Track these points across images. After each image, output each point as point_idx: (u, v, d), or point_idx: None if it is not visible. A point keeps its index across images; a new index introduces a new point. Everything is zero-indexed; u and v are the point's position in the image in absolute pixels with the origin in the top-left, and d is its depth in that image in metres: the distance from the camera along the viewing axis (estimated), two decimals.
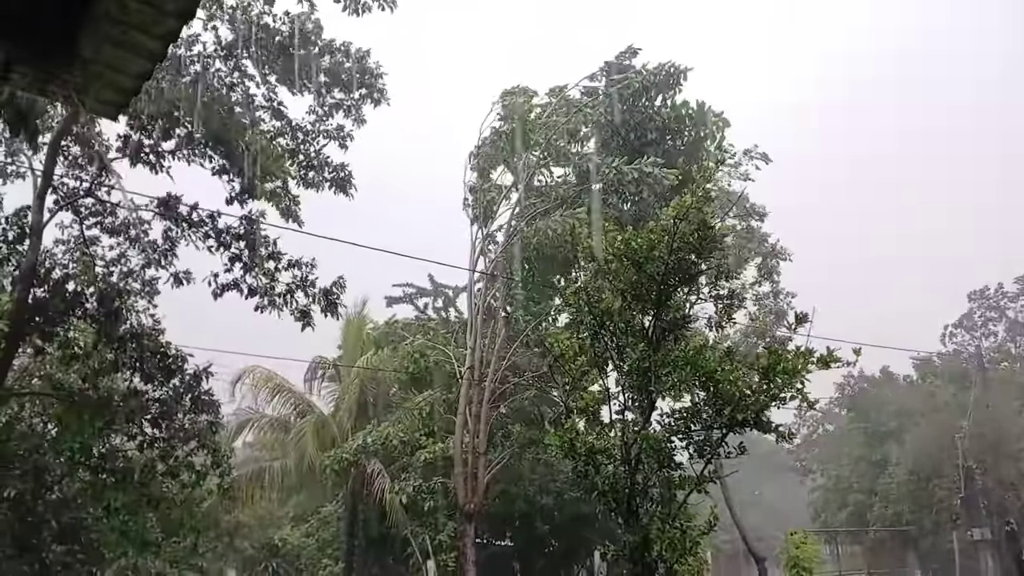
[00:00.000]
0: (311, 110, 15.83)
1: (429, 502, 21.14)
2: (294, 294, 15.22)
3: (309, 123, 15.81)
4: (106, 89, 4.04)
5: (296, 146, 15.85)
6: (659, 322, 10.87)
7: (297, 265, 15.32)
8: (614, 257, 10.96)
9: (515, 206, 21.41)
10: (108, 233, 15.58)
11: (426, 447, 21.06)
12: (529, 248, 20.07)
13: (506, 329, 21.34)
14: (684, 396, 11.05)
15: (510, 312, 21.22)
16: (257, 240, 14.99)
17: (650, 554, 10.59)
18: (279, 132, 15.71)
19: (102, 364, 15.11)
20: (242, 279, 15.15)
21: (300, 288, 15.21)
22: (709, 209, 10.94)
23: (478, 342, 20.54)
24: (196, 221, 15.01)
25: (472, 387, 20.17)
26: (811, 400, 11.19)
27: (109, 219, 15.48)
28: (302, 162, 15.94)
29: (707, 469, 11.36)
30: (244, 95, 15.31)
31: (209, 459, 16.63)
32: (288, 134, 15.76)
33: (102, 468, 15.57)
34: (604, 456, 10.78)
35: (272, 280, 15.19)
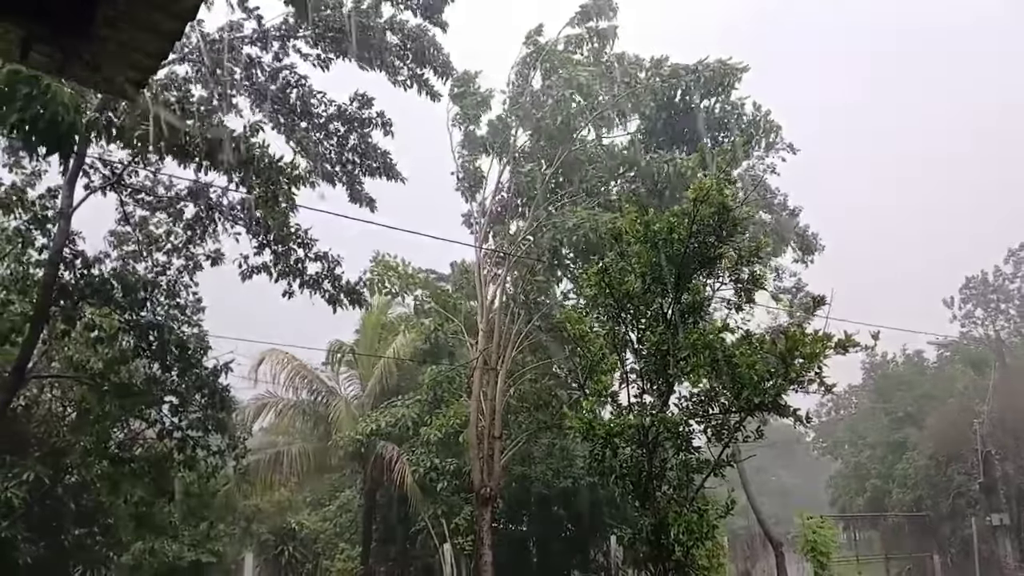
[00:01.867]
0: (353, 97, 15.86)
1: (442, 482, 21.25)
2: (321, 284, 15.37)
3: (354, 109, 15.84)
4: (124, 68, 4.01)
5: (345, 133, 15.87)
6: (678, 305, 10.81)
7: (325, 258, 15.46)
8: (635, 239, 10.91)
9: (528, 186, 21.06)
10: (153, 211, 15.71)
11: (430, 424, 21.09)
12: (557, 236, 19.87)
13: (522, 314, 21.30)
14: (702, 380, 11.00)
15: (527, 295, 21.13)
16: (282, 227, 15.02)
17: (667, 538, 10.59)
18: (328, 119, 15.71)
19: (124, 350, 15.25)
20: (273, 263, 15.27)
21: (327, 279, 15.36)
22: (729, 192, 10.85)
23: (494, 325, 20.48)
24: (226, 206, 15.11)
25: (487, 371, 20.17)
26: (829, 384, 11.12)
27: (141, 203, 15.58)
28: (356, 148, 16.03)
29: (724, 453, 11.33)
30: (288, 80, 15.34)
31: (225, 442, 16.75)
32: (335, 119, 15.77)
33: (119, 458, 15.73)
34: (622, 439, 10.77)
35: (302, 267, 15.30)
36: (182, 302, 16.39)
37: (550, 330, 21.23)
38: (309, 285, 15.34)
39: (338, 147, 15.95)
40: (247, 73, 15.07)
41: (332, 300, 15.45)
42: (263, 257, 15.34)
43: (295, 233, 15.27)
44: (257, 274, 15.26)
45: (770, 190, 27.50)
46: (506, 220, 21.96)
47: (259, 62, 15.23)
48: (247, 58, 15.09)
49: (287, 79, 15.43)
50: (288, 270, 15.31)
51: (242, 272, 15.20)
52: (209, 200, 15.21)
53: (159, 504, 17.10)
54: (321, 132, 15.75)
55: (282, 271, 15.30)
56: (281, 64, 15.35)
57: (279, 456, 25.29)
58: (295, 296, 15.44)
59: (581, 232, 18.88)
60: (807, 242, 28.76)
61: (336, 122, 15.78)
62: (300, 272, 15.30)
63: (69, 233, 14.13)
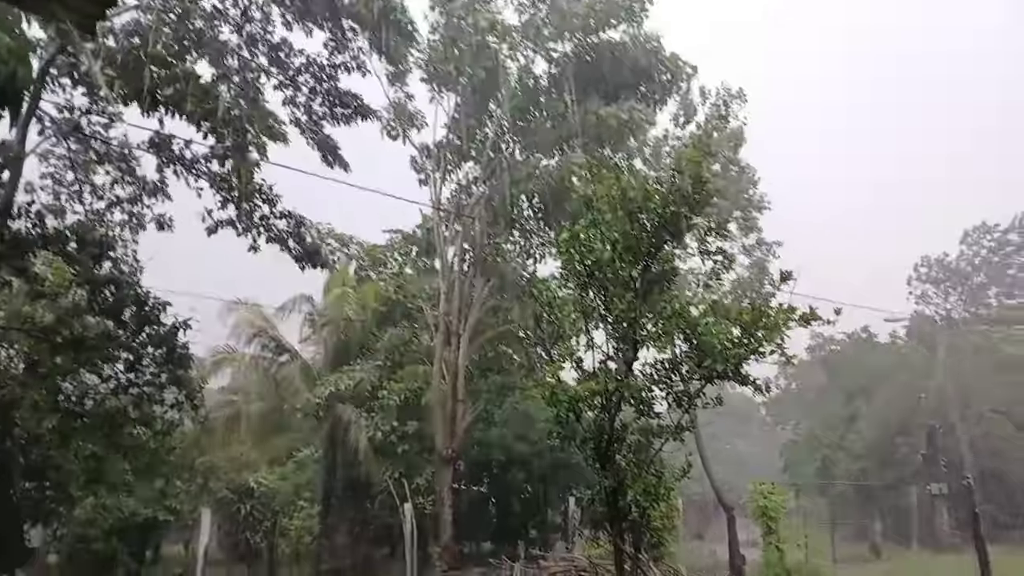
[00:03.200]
0: (327, 43, 15.57)
1: (403, 445, 21.33)
2: (286, 241, 15.20)
3: (326, 56, 15.55)
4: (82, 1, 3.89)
5: (316, 84, 15.57)
6: (648, 274, 10.88)
7: (290, 216, 15.27)
8: (608, 207, 10.91)
9: (488, 146, 20.89)
10: (101, 161, 15.29)
11: (389, 388, 21.11)
12: (514, 195, 19.78)
13: (485, 277, 21.30)
14: (667, 348, 11.12)
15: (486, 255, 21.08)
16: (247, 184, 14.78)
17: (624, 499, 10.77)
18: (297, 70, 15.39)
19: (77, 304, 14.92)
20: (237, 219, 15.05)
21: (292, 236, 15.19)
22: (707, 164, 10.90)
23: (455, 285, 20.42)
24: (187, 159, 14.79)
25: (449, 333, 20.19)
26: (789, 355, 11.34)
27: (97, 152, 15.17)
28: (328, 98, 15.72)
29: (684, 419, 11.52)
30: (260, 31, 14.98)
31: (183, 398, 16.56)
32: (309, 70, 15.45)
33: (70, 412, 15.47)
34: (585, 404, 10.88)
35: (266, 223, 15.09)
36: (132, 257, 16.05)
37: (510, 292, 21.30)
38: (275, 241, 15.19)
39: (307, 105, 15.67)
40: (212, 25, 14.68)
41: (299, 259, 15.33)
42: (228, 212, 15.15)
43: (260, 189, 15.07)
44: (223, 228, 15.06)
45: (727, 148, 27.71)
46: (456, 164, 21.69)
47: (224, 13, 14.85)
48: (213, 8, 14.71)
49: (253, 31, 15.07)
50: (253, 225, 15.13)
51: (207, 227, 14.99)
52: (171, 152, 14.89)
53: (112, 460, 16.88)
54: (290, 88, 15.45)
55: (247, 226, 15.12)
56: (248, 16, 14.99)
57: (238, 414, 25.17)
58: (260, 252, 15.32)
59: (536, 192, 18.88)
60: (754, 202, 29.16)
61: (305, 74, 15.48)
62: (266, 228, 15.14)
63: (18, 181, 13.75)
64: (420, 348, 22.44)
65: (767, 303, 10.72)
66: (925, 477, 36.55)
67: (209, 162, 15.06)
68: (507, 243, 22.16)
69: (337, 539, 26.29)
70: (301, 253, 15.46)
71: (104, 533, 20.94)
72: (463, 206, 21.18)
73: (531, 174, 19.34)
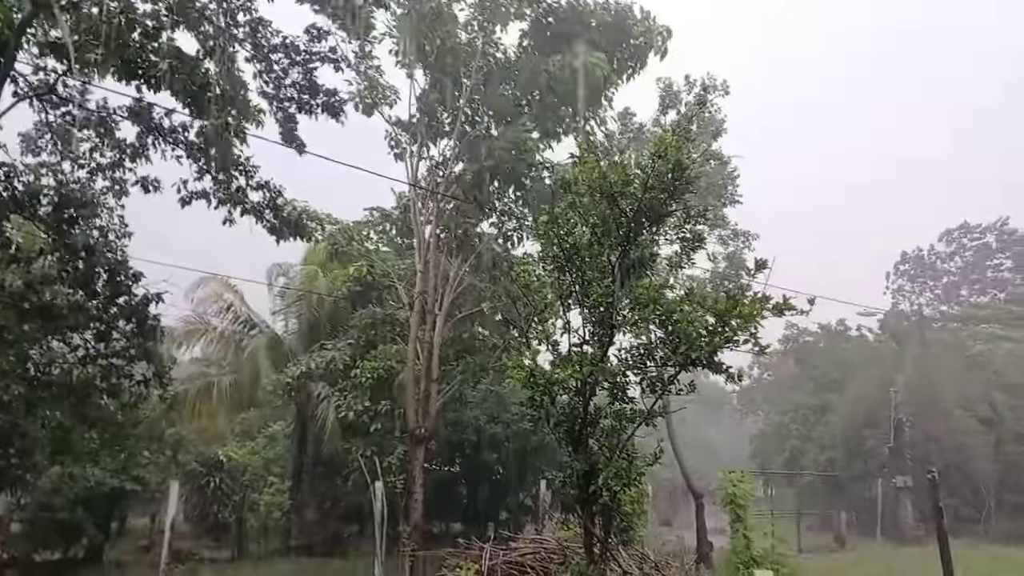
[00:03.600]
0: (308, 30, 15.25)
1: (375, 424, 21.28)
2: (263, 213, 15.00)
3: (305, 42, 15.24)
4: None
5: (288, 65, 15.24)
6: (626, 259, 10.89)
7: (267, 187, 15.05)
8: (587, 190, 10.89)
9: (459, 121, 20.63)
10: (81, 127, 14.99)
11: (362, 367, 21.01)
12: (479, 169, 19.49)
13: (460, 255, 21.19)
14: (643, 333, 11.15)
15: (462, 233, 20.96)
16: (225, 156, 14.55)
17: (596, 483, 10.82)
18: (272, 48, 15.10)
19: (48, 271, 14.68)
20: (214, 190, 14.83)
21: (268, 208, 14.99)
22: (687, 149, 10.89)
23: (430, 264, 20.30)
24: (165, 128, 14.53)
25: (425, 312, 20.10)
26: (763, 345, 11.40)
27: (74, 115, 14.86)
28: (299, 84, 15.41)
29: (657, 404, 11.57)
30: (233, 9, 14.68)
31: (151, 371, 16.37)
32: (282, 52, 15.12)
33: (37, 380, 15.24)
34: (560, 387, 10.90)
35: (242, 195, 14.88)
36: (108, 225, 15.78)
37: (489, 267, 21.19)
38: (250, 212, 15.00)
39: (276, 83, 15.34)
40: None
41: (274, 230, 15.16)
42: (203, 183, 14.94)
43: (237, 161, 14.87)
44: (197, 200, 14.85)
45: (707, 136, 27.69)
46: (431, 141, 21.43)
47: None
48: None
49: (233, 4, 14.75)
50: (229, 197, 14.93)
51: (181, 197, 14.78)
52: (150, 121, 14.64)
53: (79, 429, 16.68)
54: (263, 64, 15.13)
55: (222, 198, 14.93)
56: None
57: (209, 386, 24.99)
58: (236, 224, 15.13)
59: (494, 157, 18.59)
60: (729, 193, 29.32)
61: (279, 54, 15.17)
62: (241, 200, 14.95)
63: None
64: (394, 327, 22.33)
65: (742, 292, 10.74)
66: (892, 469, 37.20)
67: (187, 132, 14.82)
68: (483, 221, 22.00)
69: (306, 515, 26.26)
70: (277, 225, 15.27)
71: (69, 502, 20.74)
72: (438, 183, 20.97)
73: (494, 147, 19.05)
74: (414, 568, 17.23)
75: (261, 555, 24.98)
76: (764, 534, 21.09)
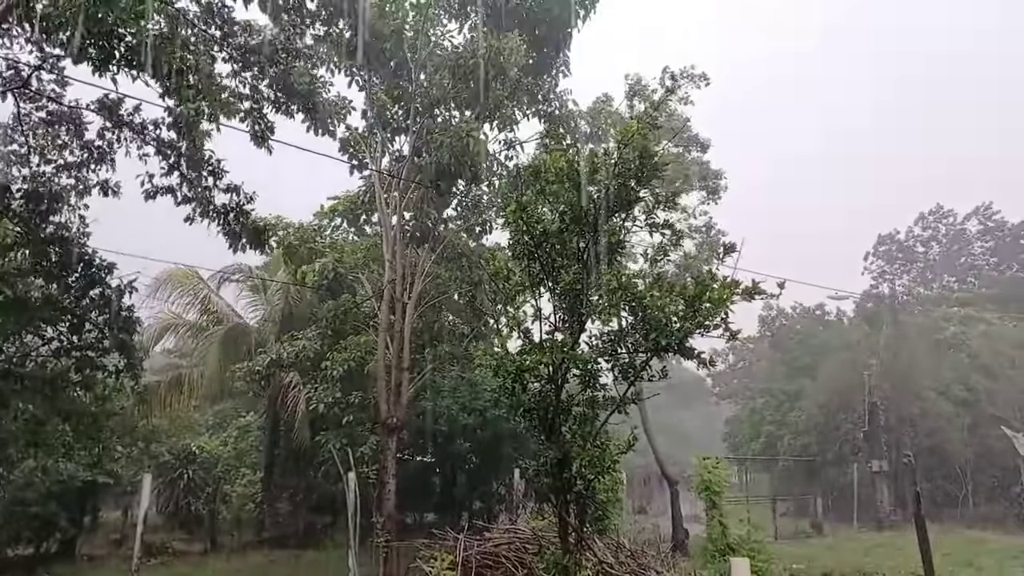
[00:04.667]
0: (283, 28, 15.06)
1: (348, 415, 21.15)
2: (227, 216, 14.79)
3: (280, 42, 15.02)
4: None
5: (263, 67, 15.01)
6: (595, 246, 10.81)
7: (236, 191, 14.86)
8: (556, 178, 10.80)
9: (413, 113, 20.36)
10: (49, 124, 14.74)
11: (332, 359, 20.89)
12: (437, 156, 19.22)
13: (427, 243, 21.04)
14: (613, 320, 11.08)
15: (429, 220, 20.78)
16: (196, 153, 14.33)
17: (569, 471, 10.76)
18: (250, 49, 14.84)
19: (21, 264, 14.46)
20: (178, 187, 14.61)
21: (233, 212, 14.79)
22: (653, 136, 10.81)
23: (397, 254, 20.10)
24: (135, 124, 14.28)
25: (394, 301, 19.92)
26: (734, 330, 11.36)
27: (54, 103, 14.60)
28: (275, 85, 15.21)
29: (629, 391, 11.51)
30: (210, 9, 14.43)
31: (123, 362, 16.18)
32: (260, 52, 14.90)
33: (10, 373, 15.03)
34: (531, 375, 10.81)
35: (209, 195, 14.67)
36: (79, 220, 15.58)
37: (455, 257, 21.03)
38: (212, 216, 14.80)
39: (252, 80, 15.14)
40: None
41: (232, 235, 14.94)
42: (170, 180, 14.72)
43: (207, 160, 14.67)
44: (162, 195, 14.63)
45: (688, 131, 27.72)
46: (389, 139, 21.28)
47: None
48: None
49: None
50: (195, 196, 14.73)
51: (145, 191, 14.53)
52: (119, 116, 14.39)
53: (53, 422, 16.50)
54: (239, 64, 14.89)
55: (186, 196, 14.73)
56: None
57: (180, 378, 24.78)
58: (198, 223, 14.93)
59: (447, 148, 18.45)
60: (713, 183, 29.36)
61: (258, 54, 14.95)
62: (207, 201, 14.75)
63: None
64: (363, 317, 22.16)
65: (711, 277, 10.68)
66: (867, 454, 37.50)
67: (158, 128, 14.61)
68: (446, 209, 21.83)
69: (279, 507, 26.12)
70: (236, 231, 15.02)
71: (42, 497, 20.57)
72: (399, 170, 20.73)
73: (447, 138, 18.85)
74: (388, 559, 17.11)
75: (234, 547, 24.79)
76: (740, 521, 21.18)
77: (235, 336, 25.17)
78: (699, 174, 29.12)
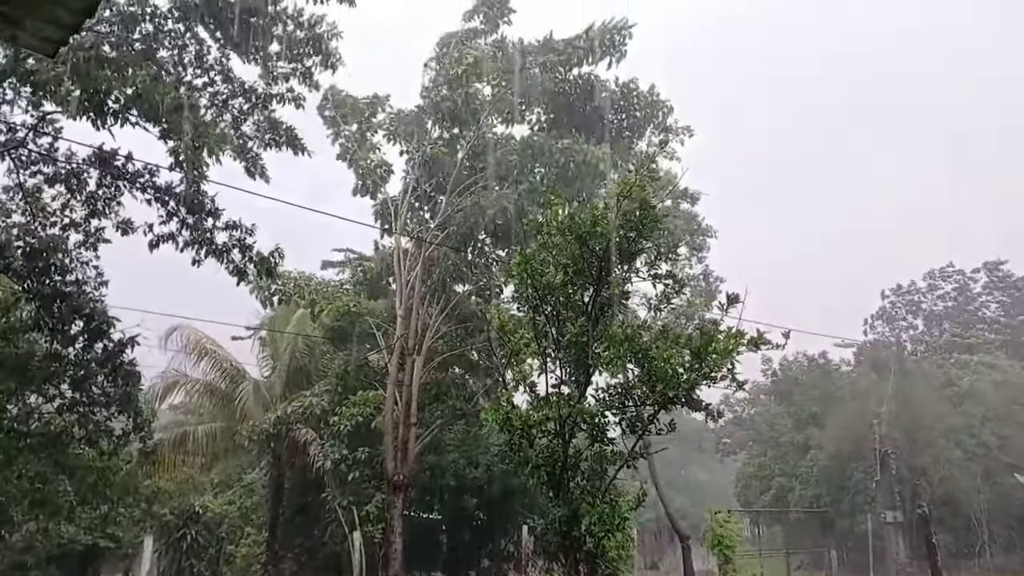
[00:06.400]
0: (263, 75, 15.39)
1: (354, 472, 20.92)
2: (230, 252, 14.82)
3: (262, 85, 15.36)
4: (44, 24, 3.81)
5: (249, 108, 15.31)
6: (599, 298, 10.82)
7: (236, 227, 14.93)
8: (558, 231, 10.87)
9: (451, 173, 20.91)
10: (51, 183, 14.90)
11: (340, 414, 20.76)
12: (469, 221, 19.71)
13: (440, 301, 21.11)
14: (619, 372, 11.02)
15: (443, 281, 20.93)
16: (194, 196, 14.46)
17: (579, 528, 10.60)
18: (232, 94, 15.13)
19: (23, 321, 14.46)
20: (179, 232, 14.69)
21: (236, 248, 14.83)
22: (652, 188, 10.92)
23: (411, 312, 20.20)
24: (132, 173, 14.43)
25: (404, 357, 19.91)
26: (740, 381, 11.29)
27: (52, 167, 14.78)
28: (259, 123, 15.50)
29: (638, 445, 11.39)
30: (197, 56, 14.78)
31: (130, 423, 16.07)
32: (241, 96, 15.21)
33: (14, 431, 14.94)
34: (538, 430, 10.72)
35: (209, 236, 14.74)
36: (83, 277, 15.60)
37: (465, 319, 21.15)
38: (216, 254, 14.83)
39: (235, 122, 15.45)
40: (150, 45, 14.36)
41: (238, 272, 14.95)
42: (170, 226, 14.78)
43: (202, 202, 14.76)
44: (164, 243, 14.67)
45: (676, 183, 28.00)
46: (420, 208, 21.83)
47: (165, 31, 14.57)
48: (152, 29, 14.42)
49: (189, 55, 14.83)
50: (196, 239, 14.78)
51: (150, 241, 14.60)
52: (115, 168, 14.52)
53: (56, 482, 16.33)
54: (220, 112, 15.21)
55: (187, 240, 14.78)
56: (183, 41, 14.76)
57: (185, 436, 24.56)
58: (203, 266, 14.95)
59: (491, 214, 18.92)
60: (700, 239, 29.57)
61: (238, 99, 15.27)
62: (209, 241, 14.80)
63: None
64: (372, 372, 22.10)
65: (716, 328, 10.65)
66: (880, 504, 36.86)
67: (155, 175, 14.71)
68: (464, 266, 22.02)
69: (284, 567, 25.66)
70: (240, 266, 15.03)
71: (42, 561, 20.24)
72: (426, 231, 21.10)
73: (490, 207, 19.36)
74: None
75: None
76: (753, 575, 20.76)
77: (241, 393, 25.05)
78: (686, 228, 29.24)
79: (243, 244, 14.86)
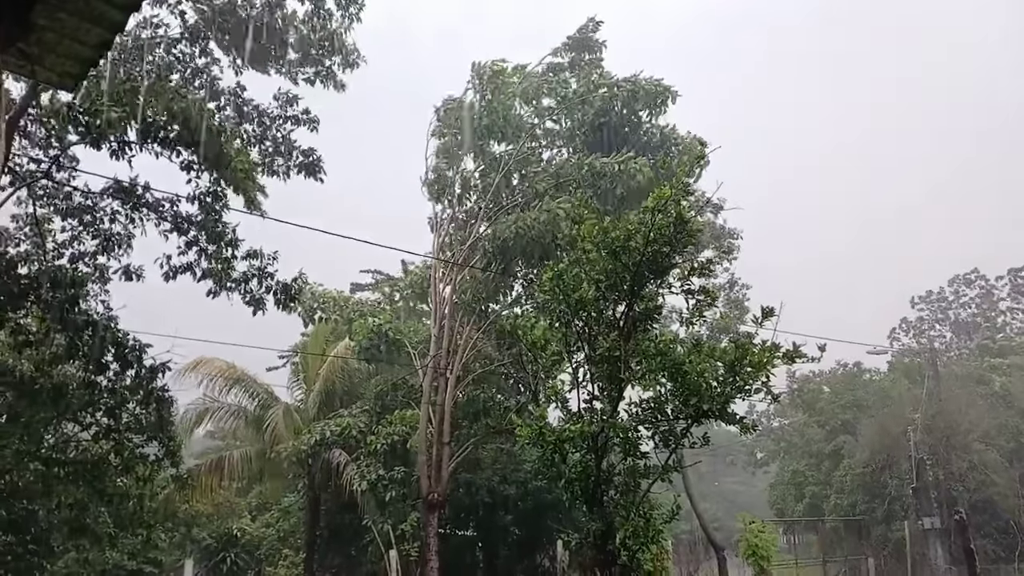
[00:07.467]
0: (277, 96, 15.54)
1: (390, 492, 21.02)
2: (248, 283, 14.93)
3: (276, 107, 15.51)
4: (63, 59, 3.89)
5: (263, 131, 15.51)
6: (631, 312, 10.89)
7: (256, 256, 15.04)
8: (592, 246, 10.96)
9: (486, 192, 21.12)
10: (64, 216, 15.18)
11: (377, 433, 20.89)
12: (505, 239, 19.77)
13: (473, 318, 21.20)
14: (652, 387, 11.07)
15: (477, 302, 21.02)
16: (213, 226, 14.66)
17: (613, 542, 10.66)
18: (245, 118, 15.37)
19: (55, 352, 14.69)
20: (197, 263, 14.84)
21: (256, 277, 14.93)
22: (686, 203, 10.98)
23: (444, 331, 20.37)
24: (152, 203, 14.66)
25: (437, 376, 20.07)
26: (775, 393, 11.29)
27: (66, 201, 15.07)
28: (268, 149, 15.63)
29: (671, 459, 11.42)
30: (209, 80, 15.04)
31: (162, 450, 16.27)
32: (254, 119, 15.42)
33: (53, 460, 15.17)
34: (571, 445, 10.79)
35: (228, 267, 14.87)
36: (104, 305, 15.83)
37: (499, 336, 21.22)
38: (233, 286, 14.92)
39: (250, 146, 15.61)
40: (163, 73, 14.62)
41: (254, 302, 15.03)
42: (188, 256, 14.91)
43: (223, 233, 14.89)
44: (182, 274, 14.81)
45: None
46: (471, 224, 21.96)
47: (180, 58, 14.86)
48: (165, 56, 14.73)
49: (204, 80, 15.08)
50: (214, 270, 14.90)
51: (165, 272, 14.75)
52: (137, 198, 14.73)
53: (95, 509, 16.53)
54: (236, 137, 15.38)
55: (206, 271, 14.89)
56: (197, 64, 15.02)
57: (220, 460, 24.76)
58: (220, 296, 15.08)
59: (525, 235, 19.01)
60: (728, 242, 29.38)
61: (252, 124, 15.47)
62: (227, 272, 14.90)
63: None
64: (407, 392, 22.25)
65: (750, 341, 10.68)
66: (917, 511, 36.29)
67: (175, 205, 14.88)
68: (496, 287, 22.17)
69: None
70: (256, 296, 15.07)
71: None
72: (462, 250, 21.26)
73: (522, 225, 19.53)
74: None
75: None
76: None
77: (276, 417, 25.27)
78: (713, 234, 29.11)
79: (263, 272, 14.98)
